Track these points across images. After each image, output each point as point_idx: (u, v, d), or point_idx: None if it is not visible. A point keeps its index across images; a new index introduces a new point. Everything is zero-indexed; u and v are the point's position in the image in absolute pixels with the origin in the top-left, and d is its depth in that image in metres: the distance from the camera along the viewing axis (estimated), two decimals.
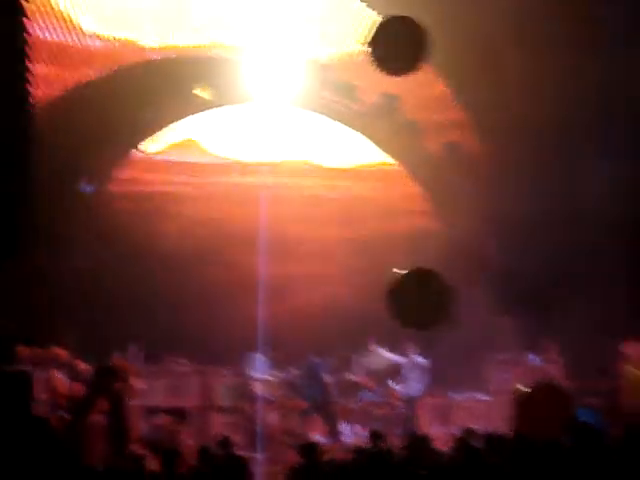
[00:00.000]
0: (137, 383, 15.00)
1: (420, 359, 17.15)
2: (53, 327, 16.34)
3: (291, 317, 18.62)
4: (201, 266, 18.85)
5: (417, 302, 10.21)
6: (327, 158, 20.61)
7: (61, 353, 15.51)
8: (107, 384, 13.42)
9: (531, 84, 16.37)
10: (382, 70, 10.45)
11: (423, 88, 18.41)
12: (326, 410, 16.97)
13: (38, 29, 15.75)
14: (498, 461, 9.81)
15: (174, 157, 20.04)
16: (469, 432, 11.52)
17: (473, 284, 18.45)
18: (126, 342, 15.79)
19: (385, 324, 17.91)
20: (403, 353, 17.38)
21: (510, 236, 17.95)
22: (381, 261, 18.83)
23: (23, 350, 14.58)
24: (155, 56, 17.71)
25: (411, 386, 17.07)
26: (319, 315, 18.66)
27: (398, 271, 12.37)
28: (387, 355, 17.33)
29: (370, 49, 10.25)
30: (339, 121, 19.56)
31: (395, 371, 17.39)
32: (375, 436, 11.90)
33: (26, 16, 12.27)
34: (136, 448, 12.74)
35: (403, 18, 10.69)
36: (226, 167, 20.24)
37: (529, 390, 14.82)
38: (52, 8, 15.92)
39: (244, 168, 20.23)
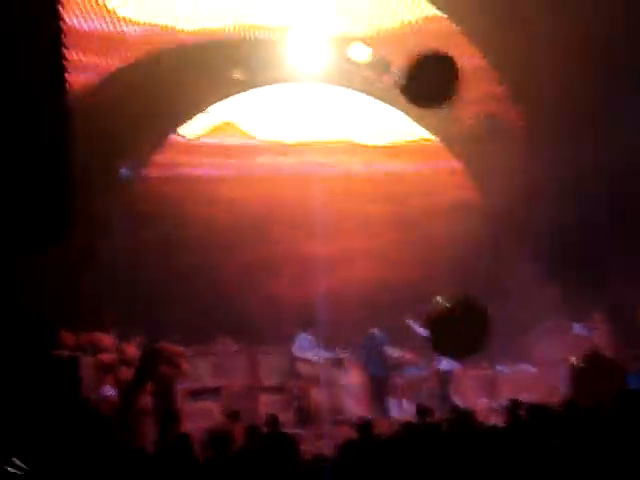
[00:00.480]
0: (184, 365, 15.08)
1: None
2: (98, 312, 16.47)
3: (337, 293, 18.66)
4: (244, 245, 18.90)
5: (457, 334, 10.18)
6: (366, 136, 20.58)
7: (105, 338, 15.62)
8: (154, 367, 13.50)
9: (566, 52, 16.21)
10: (416, 105, 10.49)
11: (459, 61, 18.34)
12: (384, 385, 17.02)
13: (73, 16, 15.83)
14: (545, 432, 9.78)
15: (212, 140, 20.08)
16: (515, 403, 11.49)
17: (516, 255, 18.47)
18: (171, 324, 15.88)
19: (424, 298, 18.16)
20: None
21: (551, 205, 17.86)
22: (425, 235, 18.91)
23: (68, 336, 14.71)
24: (190, 40, 17.70)
25: (443, 361, 17.02)
26: (364, 291, 18.70)
27: (441, 300, 12.40)
28: (418, 329, 17.29)
29: (404, 84, 10.25)
30: (377, 98, 19.52)
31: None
32: (421, 411, 11.91)
33: (61, 3, 12.34)
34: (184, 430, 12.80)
35: (439, 56, 10.69)
36: (265, 148, 20.26)
37: (580, 363, 14.75)
38: None
39: (283, 148, 20.26)
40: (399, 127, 20.35)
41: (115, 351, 15.19)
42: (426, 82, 10.22)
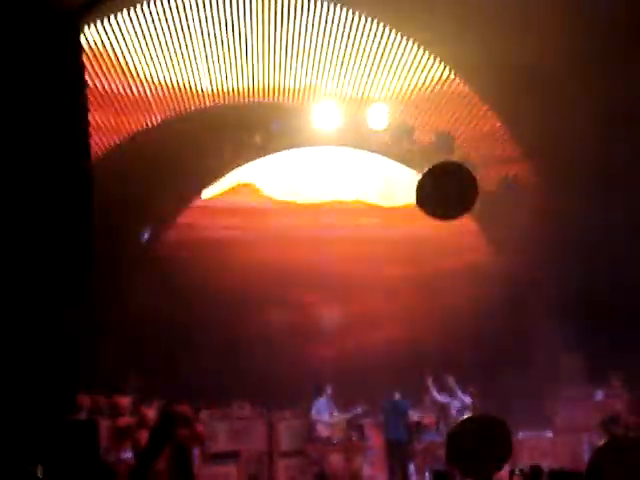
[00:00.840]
0: (200, 428, 14.99)
1: (468, 399, 16.99)
2: (117, 375, 16.44)
3: (355, 356, 18.62)
4: (261, 308, 18.87)
5: (476, 449, 10.16)
6: (383, 197, 20.61)
7: (123, 401, 15.55)
8: (171, 430, 13.41)
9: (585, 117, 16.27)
10: (429, 215, 10.55)
11: (476, 124, 18.45)
12: (405, 451, 16.91)
13: (95, 77, 15.99)
14: None
15: (229, 201, 20.13)
16: (536, 469, 11.38)
17: (535, 320, 18.40)
18: (189, 388, 15.82)
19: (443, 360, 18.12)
20: (452, 393, 17.24)
21: (571, 267, 17.84)
22: (442, 296, 18.87)
23: (85, 399, 14.66)
24: (211, 102, 17.83)
25: None
26: (381, 353, 18.63)
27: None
28: (435, 394, 17.22)
29: (419, 197, 10.33)
30: (395, 160, 19.58)
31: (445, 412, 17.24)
32: (439, 476, 11.78)
33: (85, 67, 12.47)
34: None
35: (453, 167, 10.76)
36: (282, 209, 20.30)
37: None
38: (109, 56, 16.12)
39: (299, 210, 20.30)
40: (414, 188, 20.35)
41: (132, 414, 15.10)
42: (441, 194, 10.25)
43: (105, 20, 15.80)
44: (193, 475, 13.74)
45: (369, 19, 17.30)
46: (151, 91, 17.21)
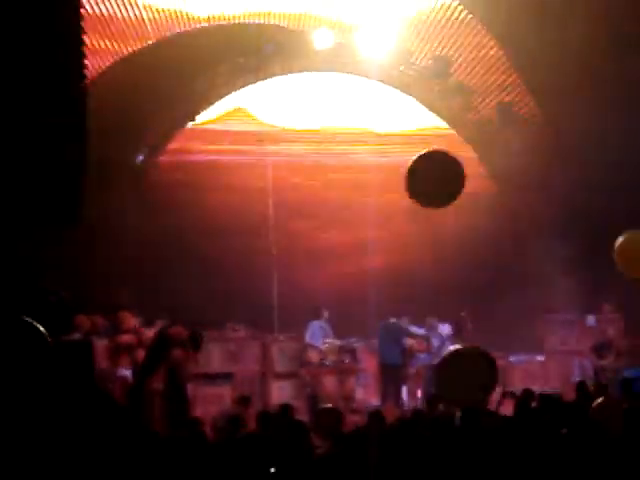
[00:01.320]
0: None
1: (447, 330, 17.09)
2: (112, 295, 16.56)
3: (351, 282, 18.70)
4: (257, 233, 18.90)
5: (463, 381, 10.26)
6: (379, 124, 20.54)
7: (129, 319, 15.68)
8: (165, 351, 13.52)
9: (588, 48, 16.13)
10: (418, 203, 10.45)
11: (475, 50, 18.31)
12: (399, 374, 17.04)
13: (91, 1, 15.88)
14: (555, 422, 9.82)
15: (223, 126, 20.07)
16: (527, 393, 11.53)
17: (527, 246, 18.46)
18: (186, 309, 15.92)
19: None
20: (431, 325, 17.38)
21: (564, 200, 17.87)
22: (440, 225, 18.90)
23: (83, 318, 14.76)
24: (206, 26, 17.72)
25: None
26: (378, 280, 18.72)
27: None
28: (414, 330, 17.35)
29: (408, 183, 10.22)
30: (392, 86, 19.49)
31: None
32: (431, 400, 11.92)
33: None
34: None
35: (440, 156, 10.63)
36: (276, 135, 20.24)
37: None
38: None
39: (294, 135, 20.26)
40: (412, 116, 20.34)
41: (135, 333, 15.25)
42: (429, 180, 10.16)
43: None
44: (187, 396, 13.86)
45: None
46: (147, 15, 17.13)
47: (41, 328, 8.59)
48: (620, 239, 11.32)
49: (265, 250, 18.72)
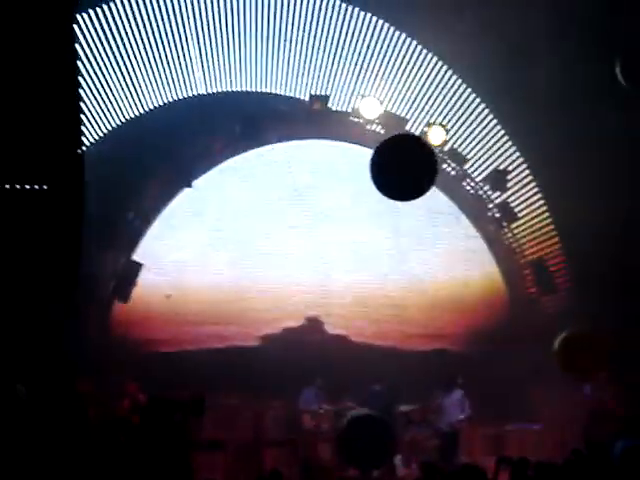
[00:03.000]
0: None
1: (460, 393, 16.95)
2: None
3: (339, 346, 18.61)
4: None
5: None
6: None
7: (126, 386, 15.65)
8: (162, 416, 13.39)
9: None
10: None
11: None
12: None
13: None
14: None
15: None
16: (523, 462, 11.41)
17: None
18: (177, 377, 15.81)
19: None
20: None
21: None
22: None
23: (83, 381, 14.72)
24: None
25: (448, 421, 16.86)
26: (369, 343, 18.69)
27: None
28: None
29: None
30: None
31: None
32: (427, 468, 11.79)
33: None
34: None
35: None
36: None
37: None
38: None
39: None
40: None
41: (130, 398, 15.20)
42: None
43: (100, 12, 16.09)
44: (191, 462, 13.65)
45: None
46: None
47: None
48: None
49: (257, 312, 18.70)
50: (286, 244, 18.91)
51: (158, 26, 16.98)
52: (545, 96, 16.32)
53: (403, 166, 10.41)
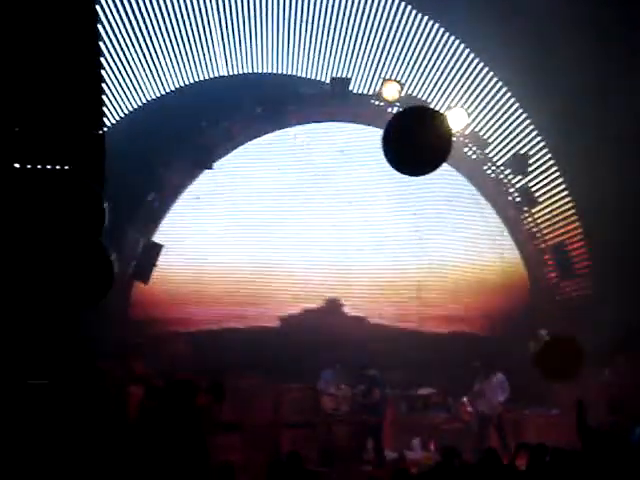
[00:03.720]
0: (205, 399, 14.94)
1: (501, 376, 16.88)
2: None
3: (359, 328, 18.65)
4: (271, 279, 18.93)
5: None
6: None
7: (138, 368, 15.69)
8: (190, 398, 13.41)
9: None
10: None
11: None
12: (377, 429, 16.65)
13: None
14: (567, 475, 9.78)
15: None
16: (541, 447, 11.44)
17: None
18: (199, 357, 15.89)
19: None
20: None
21: None
22: None
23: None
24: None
25: (485, 404, 16.82)
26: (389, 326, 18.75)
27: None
28: None
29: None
30: None
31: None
32: (447, 452, 11.81)
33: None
34: None
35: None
36: None
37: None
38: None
39: None
40: None
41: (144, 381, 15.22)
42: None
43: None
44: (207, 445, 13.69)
45: None
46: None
47: None
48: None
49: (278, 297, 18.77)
50: (306, 226, 18.95)
51: (180, 7, 16.97)
52: (570, 81, 16.22)
53: (415, 138, 10.20)
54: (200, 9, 17.13)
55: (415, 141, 10.16)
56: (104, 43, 15.95)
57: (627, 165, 15.85)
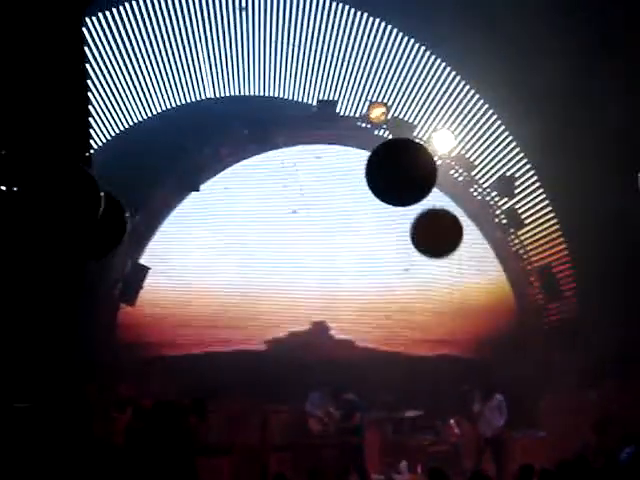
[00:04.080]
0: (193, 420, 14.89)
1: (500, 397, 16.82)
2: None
3: (346, 351, 18.62)
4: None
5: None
6: None
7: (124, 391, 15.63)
8: (165, 419, 13.37)
9: None
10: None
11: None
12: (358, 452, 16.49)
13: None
14: None
15: None
16: (527, 468, 11.44)
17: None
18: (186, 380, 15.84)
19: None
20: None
21: None
22: None
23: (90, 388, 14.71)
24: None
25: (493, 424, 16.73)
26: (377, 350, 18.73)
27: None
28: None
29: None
30: None
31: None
32: (435, 474, 11.77)
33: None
34: None
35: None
36: None
37: None
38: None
39: None
40: None
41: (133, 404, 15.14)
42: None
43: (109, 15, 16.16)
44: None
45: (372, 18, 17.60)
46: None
47: None
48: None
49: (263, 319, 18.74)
50: (293, 249, 18.93)
51: (167, 30, 17.01)
52: (551, 102, 16.29)
53: (397, 172, 10.19)
54: (187, 32, 17.15)
55: (398, 175, 10.15)
56: (90, 65, 15.96)
57: (609, 182, 15.90)
